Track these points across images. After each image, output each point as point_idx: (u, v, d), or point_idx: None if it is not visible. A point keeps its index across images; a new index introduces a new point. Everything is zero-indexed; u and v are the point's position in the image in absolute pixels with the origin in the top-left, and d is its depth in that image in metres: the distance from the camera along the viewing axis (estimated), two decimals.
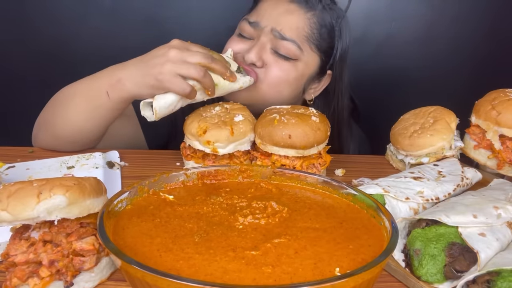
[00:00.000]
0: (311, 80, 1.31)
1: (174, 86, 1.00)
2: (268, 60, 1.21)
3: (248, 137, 1.07)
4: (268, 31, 1.21)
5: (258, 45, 1.21)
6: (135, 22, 1.78)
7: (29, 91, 1.80)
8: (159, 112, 1.01)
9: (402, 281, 0.72)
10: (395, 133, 1.19)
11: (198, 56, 1.02)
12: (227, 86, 1.09)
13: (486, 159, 1.11)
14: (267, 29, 1.21)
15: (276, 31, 1.20)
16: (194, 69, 1.00)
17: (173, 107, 1.04)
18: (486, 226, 0.72)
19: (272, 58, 1.21)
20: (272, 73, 1.21)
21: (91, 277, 0.66)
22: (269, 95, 1.24)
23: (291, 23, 1.22)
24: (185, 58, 1.01)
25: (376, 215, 0.71)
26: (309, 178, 0.84)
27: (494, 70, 1.90)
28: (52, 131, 1.15)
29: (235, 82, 1.10)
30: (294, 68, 1.23)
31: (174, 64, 1.00)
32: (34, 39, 1.76)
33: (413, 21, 1.84)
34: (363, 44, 1.83)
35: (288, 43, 1.21)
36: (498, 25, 1.87)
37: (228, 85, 1.09)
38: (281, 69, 1.22)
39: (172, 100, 1.02)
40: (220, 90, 1.09)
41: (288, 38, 1.20)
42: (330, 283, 0.50)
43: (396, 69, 1.89)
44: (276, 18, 1.22)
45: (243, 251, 0.60)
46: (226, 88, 1.09)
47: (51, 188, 0.62)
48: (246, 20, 1.26)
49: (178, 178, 0.82)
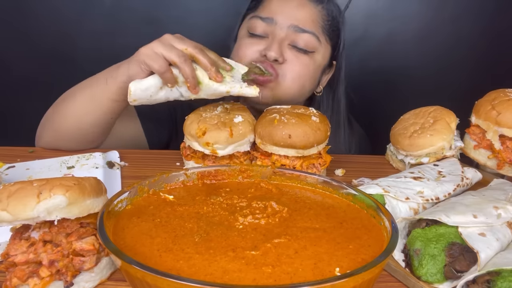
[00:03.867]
0: (323, 72, 1.35)
1: (152, 61, 0.97)
2: (287, 55, 1.23)
3: (247, 138, 1.07)
4: (286, 26, 1.23)
5: (277, 41, 1.22)
6: (135, 22, 1.79)
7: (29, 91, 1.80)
8: (134, 93, 0.99)
9: (402, 281, 0.72)
10: (395, 133, 1.19)
11: (187, 44, 0.99)
12: (211, 86, 1.00)
13: (486, 159, 1.11)
14: (284, 24, 1.23)
15: (294, 25, 1.22)
16: (176, 52, 0.97)
17: (152, 93, 1.00)
18: (486, 226, 0.72)
19: (291, 53, 1.23)
20: (294, 68, 1.23)
21: (91, 277, 0.66)
22: (293, 90, 1.26)
23: (306, 16, 1.24)
24: (173, 42, 0.99)
25: (376, 215, 0.71)
26: (309, 178, 0.84)
27: (494, 70, 1.90)
28: (52, 127, 1.16)
29: (222, 84, 1.00)
30: (312, 61, 1.27)
31: (161, 43, 0.99)
32: (34, 40, 1.76)
33: (413, 21, 1.85)
34: (363, 44, 1.83)
35: (308, 35, 1.23)
36: (498, 25, 1.87)
37: (213, 86, 1.00)
38: (302, 63, 1.24)
39: (150, 84, 0.99)
40: (204, 90, 1.01)
41: (308, 30, 1.23)
42: (330, 283, 0.50)
43: (396, 69, 1.89)
44: (291, 12, 1.24)
45: (243, 251, 0.60)
46: (210, 88, 1.01)
47: (51, 188, 0.62)
48: (257, 17, 1.26)
49: (178, 178, 0.82)
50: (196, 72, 0.99)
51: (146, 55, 0.98)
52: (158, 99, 1.03)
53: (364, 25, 1.82)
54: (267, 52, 1.20)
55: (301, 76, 1.25)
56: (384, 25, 1.83)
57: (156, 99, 1.03)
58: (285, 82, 1.23)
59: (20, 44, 1.76)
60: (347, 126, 1.49)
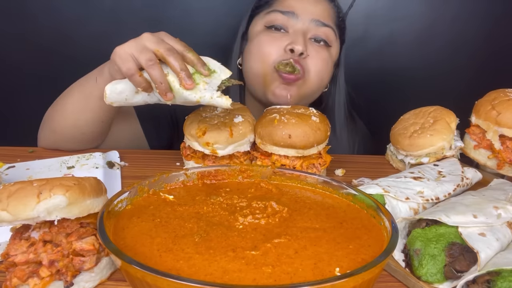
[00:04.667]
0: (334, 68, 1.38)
1: (121, 63, 0.91)
2: (309, 50, 1.24)
3: (247, 138, 1.07)
4: (308, 19, 1.25)
5: (301, 35, 1.23)
6: (135, 22, 1.78)
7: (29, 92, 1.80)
8: (110, 96, 0.95)
9: (402, 281, 0.72)
10: (395, 133, 1.19)
11: (160, 45, 0.90)
12: (181, 94, 0.91)
13: (486, 159, 1.11)
14: (306, 17, 1.25)
15: (315, 19, 1.25)
16: (145, 55, 0.90)
17: (126, 96, 0.95)
18: (486, 226, 0.72)
19: (312, 48, 1.25)
20: (317, 62, 1.25)
21: (91, 277, 0.66)
22: (316, 86, 1.29)
23: (324, 12, 1.28)
24: (147, 42, 0.91)
25: (376, 215, 0.71)
26: (309, 178, 0.84)
27: (494, 70, 1.90)
28: (50, 127, 1.16)
29: (192, 92, 0.91)
30: (329, 55, 1.30)
31: (134, 43, 0.92)
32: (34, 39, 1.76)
33: (413, 21, 1.84)
34: (363, 44, 1.83)
35: (328, 29, 1.26)
36: (498, 25, 1.87)
37: (183, 94, 0.91)
38: (322, 57, 1.27)
39: (123, 88, 0.94)
40: (177, 97, 0.93)
41: (328, 24, 1.26)
42: (330, 283, 0.50)
43: (396, 69, 1.89)
44: (310, 7, 1.26)
45: (243, 251, 0.60)
46: (181, 96, 0.92)
47: (51, 188, 0.62)
48: (277, 11, 1.27)
49: (178, 178, 0.82)
50: (168, 77, 0.91)
51: (118, 55, 0.92)
52: (135, 102, 0.97)
53: (365, 26, 1.82)
54: (294, 46, 1.19)
55: (322, 71, 1.27)
56: (385, 25, 1.83)
57: (133, 103, 0.97)
58: (310, 77, 1.25)
59: (20, 45, 1.76)
60: (350, 122, 1.49)
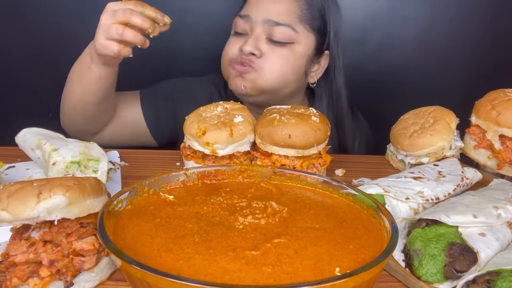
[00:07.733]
0: (311, 62, 1.37)
1: (105, 51, 1.03)
2: (264, 49, 1.27)
3: (247, 138, 1.07)
4: (261, 21, 1.27)
5: (253, 36, 1.27)
6: None
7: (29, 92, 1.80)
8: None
9: (402, 281, 0.72)
10: (395, 133, 1.19)
11: (117, 14, 1.00)
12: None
13: (486, 159, 1.11)
14: (259, 19, 1.27)
15: (268, 20, 1.26)
16: (115, 30, 1.00)
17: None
18: (486, 226, 0.72)
19: (268, 47, 1.27)
20: (272, 60, 1.27)
21: (91, 277, 0.66)
22: (274, 82, 1.29)
23: (281, 9, 1.28)
24: (105, 20, 1.02)
25: (376, 215, 0.71)
26: (309, 178, 0.84)
27: (494, 70, 1.90)
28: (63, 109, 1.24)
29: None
30: (291, 52, 1.29)
31: (101, 29, 1.02)
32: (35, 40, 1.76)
33: (413, 21, 1.84)
34: (363, 44, 1.83)
35: (283, 27, 1.26)
36: (498, 25, 1.87)
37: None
38: (279, 55, 1.28)
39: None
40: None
41: (282, 23, 1.26)
42: (330, 283, 0.50)
43: (396, 69, 1.89)
44: (265, 7, 1.28)
45: (243, 251, 0.60)
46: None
47: (51, 188, 0.62)
48: (238, 16, 1.32)
49: (178, 178, 0.82)
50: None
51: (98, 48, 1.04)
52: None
53: (363, 27, 1.82)
54: (243, 47, 1.26)
55: (280, 68, 1.29)
56: (384, 26, 1.83)
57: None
58: (264, 74, 1.28)
59: (21, 45, 1.76)
60: (350, 117, 1.49)
